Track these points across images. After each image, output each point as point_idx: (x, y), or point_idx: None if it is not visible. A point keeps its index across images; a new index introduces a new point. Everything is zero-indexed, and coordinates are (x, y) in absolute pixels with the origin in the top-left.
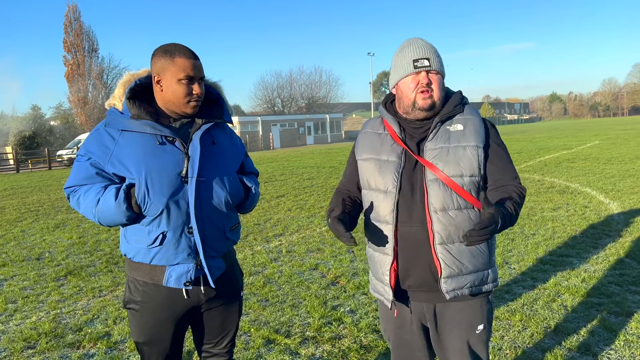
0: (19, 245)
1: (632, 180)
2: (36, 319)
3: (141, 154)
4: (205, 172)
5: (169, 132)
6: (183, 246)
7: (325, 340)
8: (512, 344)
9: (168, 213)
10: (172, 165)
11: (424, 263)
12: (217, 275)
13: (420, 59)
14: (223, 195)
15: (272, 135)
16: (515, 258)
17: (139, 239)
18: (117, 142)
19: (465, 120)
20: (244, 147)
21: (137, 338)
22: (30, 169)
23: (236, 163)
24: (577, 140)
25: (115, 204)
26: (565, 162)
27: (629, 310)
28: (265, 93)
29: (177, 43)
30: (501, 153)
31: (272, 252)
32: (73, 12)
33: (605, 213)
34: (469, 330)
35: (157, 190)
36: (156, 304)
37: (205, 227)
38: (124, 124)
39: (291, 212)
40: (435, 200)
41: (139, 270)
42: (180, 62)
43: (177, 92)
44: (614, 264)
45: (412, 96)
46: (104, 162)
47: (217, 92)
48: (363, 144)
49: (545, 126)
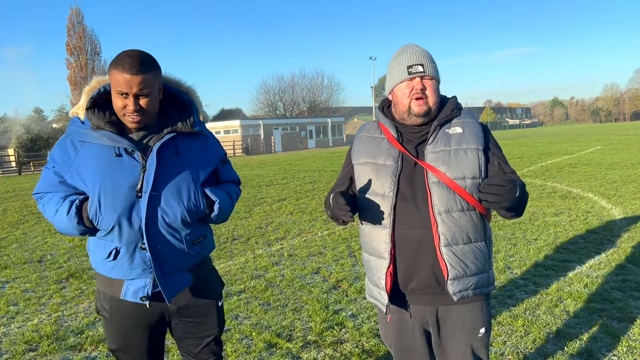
0: (20, 247)
1: (634, 186)
2: (38, 322)
3: (97, 167)
4: (161, 185)
5: (127, 143)
6: (137, 262)
7: (327, 344)
8: (514, 349)
9: (120, 229)
10: (127, 179)
11: (427, 266)
12: (181, 289)
13: (414, 65)
14: (179, 211)
15: (274, 138)
16: (517, 263)
17: (97, 251)
18: (79, 152)
19: (463, 123)
20: (221, 154)
21: (110, 345)
22: (32, 171)
23: (203, 173)
24: (579, 146)
25: (66, 217)
26: (567, 167)
27: (632, 316)
28: (267, 97)
29: (128, 51)
30: (500, 155)
31: (274, 255)
32: (76, 16)
33: (607, 218)
34: (471, 333)
35: (109, 205)
36: (123, 312)
37: (159, 243)
38: (83, 135)
39: (293, 216)
40: (439, 202)
41: (100, 281)
42: (115, 74)
43: (116, 104)
44: (616, 270)
45: (406, 102)
46: (64, 172)
47: (189, 98)
48: (359, 148)
49: (547, 131)
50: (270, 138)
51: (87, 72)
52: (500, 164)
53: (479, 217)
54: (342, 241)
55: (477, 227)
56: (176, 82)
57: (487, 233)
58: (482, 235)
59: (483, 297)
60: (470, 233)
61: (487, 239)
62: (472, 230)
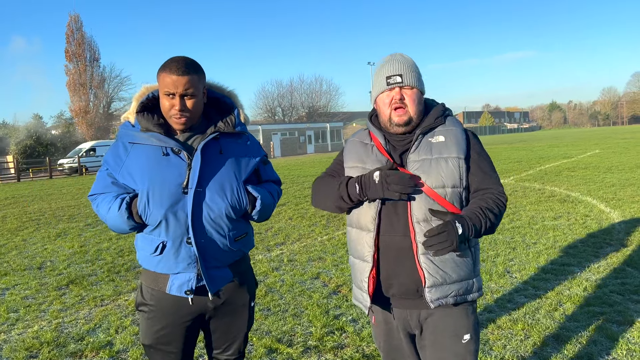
0: (20, 254)
1: (633, 189)
2: (38, 328)
3: (146, 166)
4: (205, 182)
5: (174, 143)
6: (183, 256)
7: (327, 349)
8: (514, 353)
9: (167, 223)
10: (174, 176)
11: (406, 272)
12: (221, 285)
13: (393, 75)
14: (223, 207)
15: (273, 143)
16: (516, 267)
17: (144, 246)
18: (129, 154)
19: (446, 131)
20: (262, 155)
21: (144, 341)
22: (31, 178)
23: (245, 172)
24: (577, 149)
25: (118, 213)
26: (565, 171)
27: (631, 319)
28: (266, 102)
29: (176, 57)
30: (482, 163)
31: (274, 261)
32: (75, 22)
33: (606, 222)
34: (453, 338)
35: (157, 201)
36: (164, 308)
37: (204, 237)
38: (133, 137)
39: (292, 221)
40: (417, 212)
41: (146, 276)
42: (163, 77)
43: (163, 106)
44: (616, 273)
45: (387, 112)
46: (116, 172)
47: (231, 102)
48: (350, 151)
49: (545, 135)
50: (269, 143)
51: (86, 79)
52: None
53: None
54: (342, 246)
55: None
56: (219, 87)
57: (472, 241)
58: (465, 244)
59: (466, 304)
60: None
61: (471, 246)
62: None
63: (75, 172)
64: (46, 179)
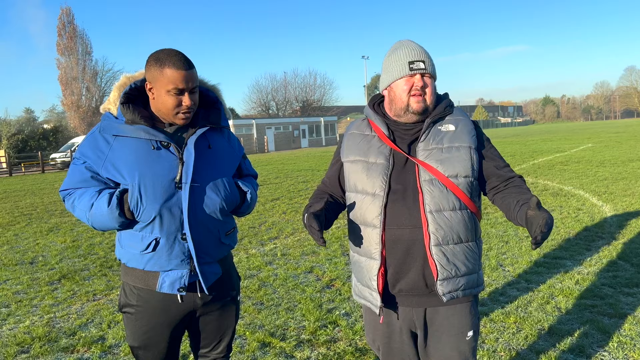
0: (12, 249)
1: (625, 183)
2: (30, 323)
3: (135, 160)
4: (199, 177)
5: (163, 137)
6: (176, 252)
7: (320, 343)
8: (506, 346)
9: (161, 219)
10: (165, 170)
11: (416, 266)
12: (212, 281)
13: (416, 61)
14: (217, 201)
15: (267, 138)
16: (509, 260)
17: (133, 244)
18: (112, 146)
19: (456, 121)
20: (242, 149)
21: (132, 342)
22: (23, 173)
23: (232, 167)
24: (570, 143)
25: (107, 209)
26: (558, 165)
27: (622, 312)
28: (260, 96)
29: (170, 50)
30: (494, 150)
31: (267, 255)
32: (66, 15)
33: (598, 215)
34: (458, 336)
35: (150, 196)
36: (151, 308)
37: (199, 233)
38: (118, 130)
39: (286, 215)
40: (430, 201)
41: (133, 275)
42: (169, 73)
43: (166, 103)
44: (607, 266)
45: (405, 99)
46: (98, 166)
47: (215, 96)
48: (349, 145)
49: (539, 129)
50: (263, 137)
51: (78, 72)
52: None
53: (470, 216)
54: (335, 240)
55: (468, 227)
56: (202, 81)
57: (478, 232)
58: (473, 235)
59: (472, 298)
60: (461, 233)
61: (477, 238)
62: (463, 229)
63: (67, 166)
64: (38, 173)
